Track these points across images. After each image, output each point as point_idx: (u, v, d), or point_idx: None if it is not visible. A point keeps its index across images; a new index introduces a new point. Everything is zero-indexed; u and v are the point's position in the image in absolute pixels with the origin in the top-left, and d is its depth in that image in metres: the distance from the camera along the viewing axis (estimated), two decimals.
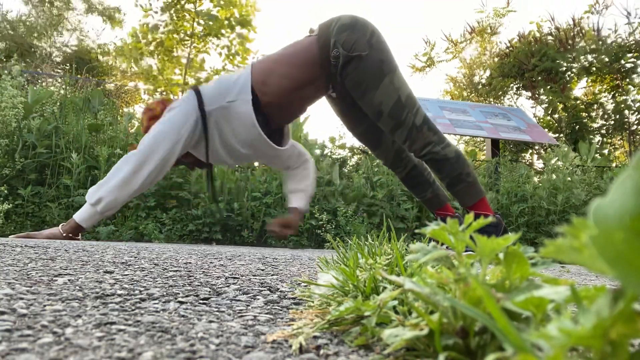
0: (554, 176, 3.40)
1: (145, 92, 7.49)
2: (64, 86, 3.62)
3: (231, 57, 6.91)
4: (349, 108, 1.74)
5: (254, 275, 0.75)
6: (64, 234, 1.54)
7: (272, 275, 0.78)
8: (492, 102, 7.34)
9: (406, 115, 1.57)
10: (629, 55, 6.39)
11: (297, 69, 1.60)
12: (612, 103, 6.94)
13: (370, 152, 3.70)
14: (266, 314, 0.46)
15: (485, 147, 5.46)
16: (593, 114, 7.05)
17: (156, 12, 6.54)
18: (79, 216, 1.54)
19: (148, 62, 7.07)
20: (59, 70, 8.28)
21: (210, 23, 6.47)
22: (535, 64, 6.58)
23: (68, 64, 8.53)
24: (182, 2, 6.42)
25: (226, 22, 6.54)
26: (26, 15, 9.61)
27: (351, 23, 1.57)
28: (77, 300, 0.46)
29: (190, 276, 0.69)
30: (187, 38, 6.74)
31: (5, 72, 3.41)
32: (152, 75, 7.04)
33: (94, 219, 1.55)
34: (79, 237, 1.59)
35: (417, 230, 0.42)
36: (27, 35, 8.95)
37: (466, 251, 0.33)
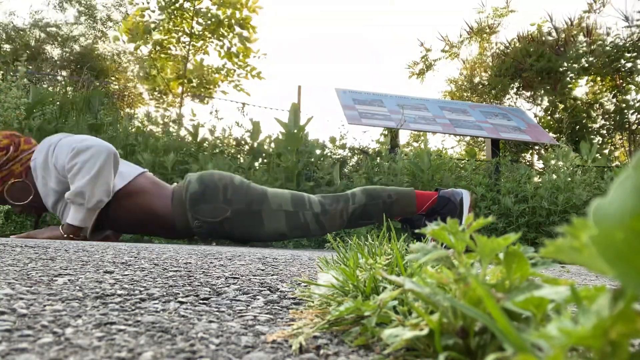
0: (554, 176, 3.40)
1: (147, 91, 7.49)
2: (65, 86, 3.62)
3: (231, 57, 6.89)
4: None
5: (254, 275, 0.75)
6: (65, 235, 1.54)
7: (272, 275, 0.78)
8: (492, 103, 7.34)
9: (303, 216, 1.60)
10: (628, 55, 6.39)
11: (152, 218, 1.64)
12: (612, 103, 6.94)
13: (370, 153, 3.70)
14: (266, 314, 0.46)
15: (485, 147, 5.46)
16: (594, 114, 7.05)
17: (153, 11, 6.49)
18: (76, 220, 1.54)
19: (146, 62, 7.07)
20: (63, 71, 8.29)
21: (209, 22, 6.44)
22: (532, 63, 6.57)
23: (72, 65, 8.53)
24: (181, 1, 6.38)
25: (226, 21, 6.52)
26: (60, 23, 9.56)
27: (200, 191, 1.59)
28: (77, 300, 0.46)
29: (190, 276, 0.69)
30: (185, 37, 6.72)
31: (11, 74, 3.42)
32: (152, 75, 7.03)
33: (91, 216, 1.56)
34: (79, 236, 1.59)
35: (417, 230, 0.42)
36: (47, 41, 8.93)
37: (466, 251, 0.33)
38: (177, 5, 6.40)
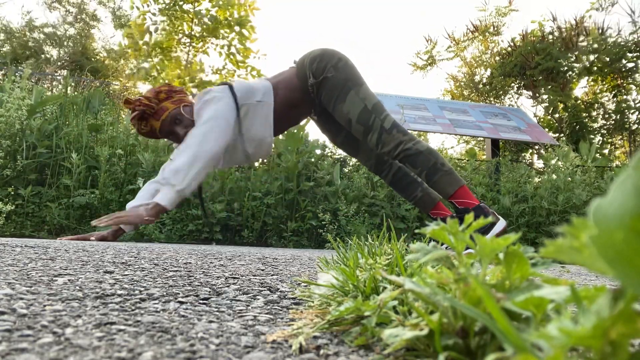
0: (554, 176, 3.40)
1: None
2: (65, 87, 3.62)
3: (231, 57, 6.89)
4: (327, 122, 1.98)
5: (254, 275, 0.75)
6: (147, 218, 1.55)
7: (272, 275, 0.78)
8: (493, 102, 7.34)
9: (373, 120, 1.75)
10: (630, 55, 6.38)
11: (290, 92, 1.85)
12: (613, 102, 6.93)
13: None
14: (266, 314, 0.46)
15: (485, 147, 5.46)
16: (594, 114, 7.04)
17: (154, 14, 6.50)
18: (163, 200, 1.56)
19: (147, 62, 7.06)
20: (63, 71, 8.28)
21: (209, 23, 6.45)
22: (538, 62, 6.56)
23: (72, 65, 8.53)
24: (180, 3, 6.39)
25: (225, 21, 6.52)
26: (52, 24, 9.53)
27: (320, 54, 1.82)
28: (77, 300, 0.46)
29: (190, 276, 0.69)
30: (185, 39, 6.72)
31: (18, 75, 3.42)
32: (152, 76, 7.03)
33: (176, 199, 1.60)
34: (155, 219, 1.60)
35: (417, 230, 0.42)
36: (43, 42, 8.92)
37: (466, 249, 0.33)
38: (177, 7, 6.41)
